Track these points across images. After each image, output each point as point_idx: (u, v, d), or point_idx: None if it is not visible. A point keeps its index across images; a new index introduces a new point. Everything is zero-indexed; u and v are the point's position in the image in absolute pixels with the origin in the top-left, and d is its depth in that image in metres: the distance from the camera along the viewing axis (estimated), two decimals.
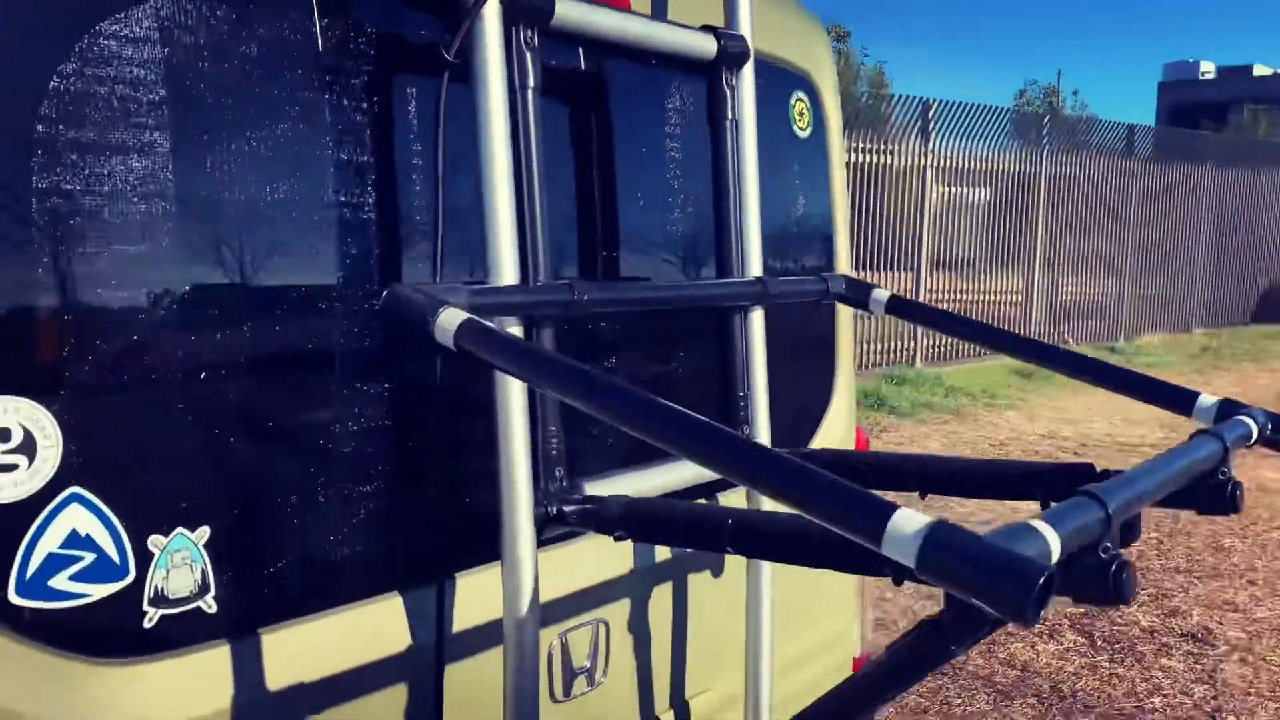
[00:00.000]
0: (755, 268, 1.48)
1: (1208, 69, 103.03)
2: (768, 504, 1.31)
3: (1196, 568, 5.44)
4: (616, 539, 1.15)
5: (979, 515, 5.39)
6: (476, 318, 0.96)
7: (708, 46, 1.42)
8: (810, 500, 0.74)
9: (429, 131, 1.20)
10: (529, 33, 1.18)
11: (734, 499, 1.60)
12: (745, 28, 1.46)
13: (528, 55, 1.17)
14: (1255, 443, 1.24)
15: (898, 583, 0.96)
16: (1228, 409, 1.26)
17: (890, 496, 0.82)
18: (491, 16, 1.14)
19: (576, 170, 1.44)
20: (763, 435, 1.48)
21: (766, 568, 1.51)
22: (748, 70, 1.47)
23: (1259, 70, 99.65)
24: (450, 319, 0.96)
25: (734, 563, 1.66)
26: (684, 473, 1.37)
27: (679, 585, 1.58)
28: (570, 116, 1.45)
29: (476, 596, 1.29)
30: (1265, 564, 5.47)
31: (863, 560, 0.93)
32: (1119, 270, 13.81)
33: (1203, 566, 5.45)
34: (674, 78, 1.57)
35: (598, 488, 1.23)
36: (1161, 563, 5.46)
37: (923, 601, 4.61)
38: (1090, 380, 1.40)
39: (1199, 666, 4.29)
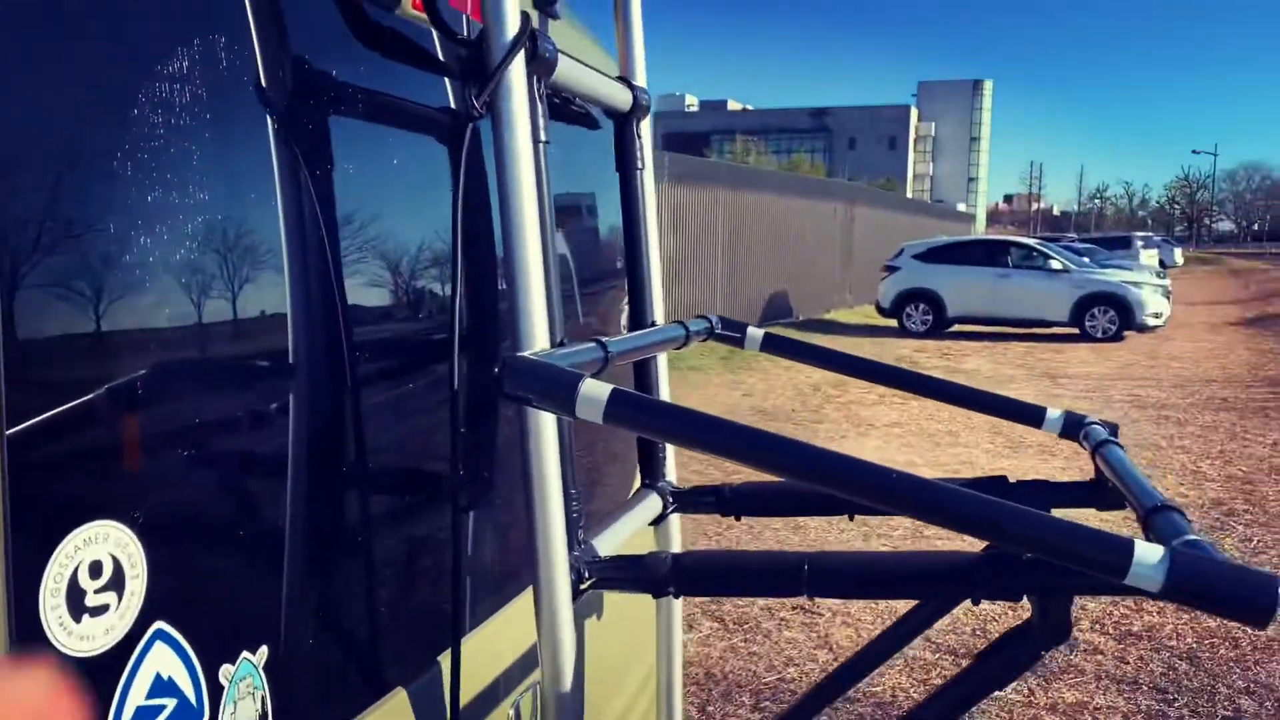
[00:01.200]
0: (660, 311, 1.53)
1: (692, 102, 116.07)
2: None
3: (802, 548, 6.18)
4: (665, 595, 1.15)
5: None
6: (619, 388, 0.93)
7: (626, 98, 1.45)
8: (1054, 545, 0.83)
9: (442, 188, 1.11)
10: (541, 85, 1.15)
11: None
12: (643, 80, 1.51)
13: (540, 108, 1.14)
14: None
15: (975, 602, 1.08)
16: (1072, 418, 1.55)
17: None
18: (518, 68, 1.09)
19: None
20: (670, 459, 1.54)
21: (678, 607, 1.56)
22: (648, 122, 1.52)
23: (732, 105, 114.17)
24: (597, 391, 0.92)
25: (612, 608, 1.69)
26: (645, 515, 1.39)
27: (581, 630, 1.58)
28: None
29: (479, 659, 1.22)
30: (852, 537, 6.34)
31: (943, 589, 1.04)
32: None
33: (801, 547, 6.21)
34: (578, 132, 1.58)
35: (599, 543, 1.22)
36: (758, 546, 6.14)
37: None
38: (951, 401, 1.63)
39: (815, 634, 4.91)
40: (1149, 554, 0.81)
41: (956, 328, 18.41)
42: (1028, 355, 15.28)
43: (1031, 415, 1.57)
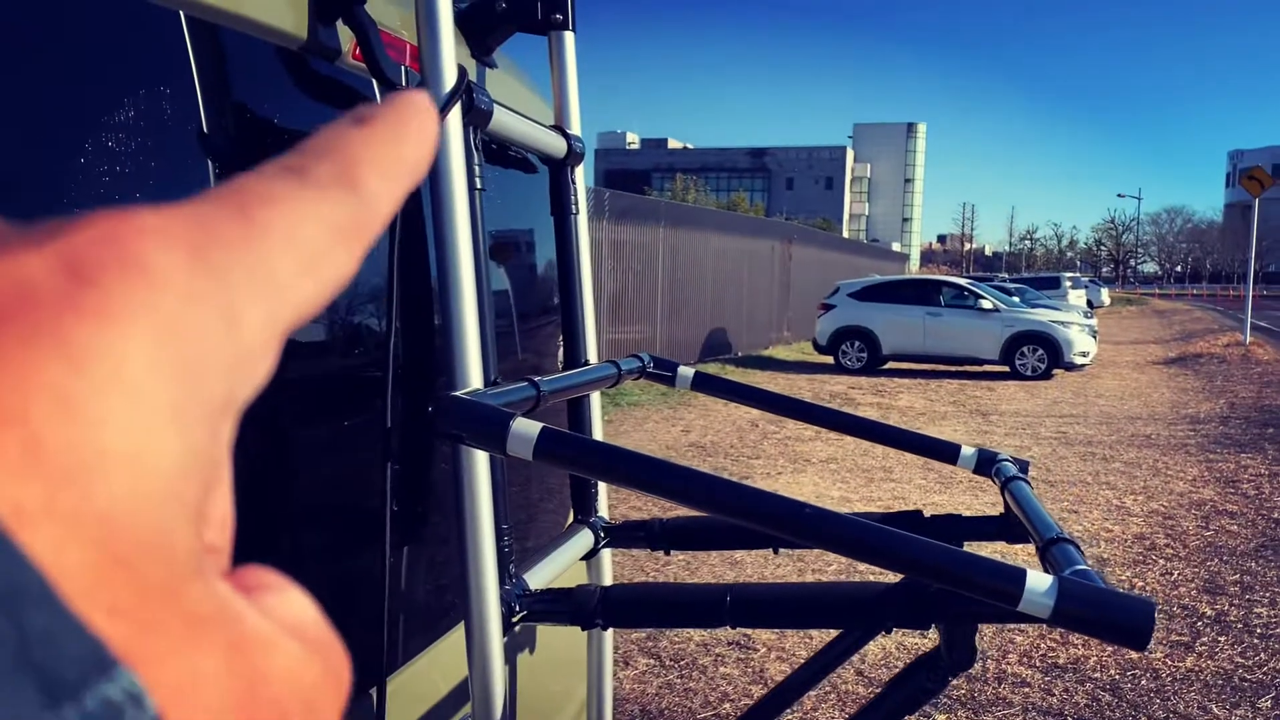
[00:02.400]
0: (593, 350, 1.58)
1: (633, 139, 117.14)
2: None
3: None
4: (593, 628, 1.18)
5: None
6: (549, 426, 0.97)
7: (560, 145, 1.50)
8: (953, 573, 0.88)
9: (387, 231, 1.15)
10: (477, 136, 1.19)
11: None
12: (577, 128, 1.56)
13: (475, 157, 1.18)
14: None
15: (887, 631, 1.13)
16: (985, 455, 1.62)
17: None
18: (455, 119, 1.13)
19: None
20: (602, 495, 1.59)
21: (608, 640, 1.60)
22: (581, 168, 1.57)
23: (673, 143, 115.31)
24: (527, 429, 0.96)
25: (545, 643, 1.72)
26: (577, 550, 1.43)
27: (513, 664, 1.61)
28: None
29: (413, 691, 1.24)
30: (788, 571, 6.41)
31: (857, 617, 1.09)
32: (596, 318, 15.24)
33: (729, 578, 6.24)
34: (515, 176, 1.63)
35: (530, 577, 1.25)
36: (697, 580, 6.16)
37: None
38: (872, 439, 1.69)
39: (750, 669, 4.94)
40: (1039, 583, 0.87)
41: (891, 365, 18.72)
42: (959, 392, 15.58)
43: (947, 452, 1.64)
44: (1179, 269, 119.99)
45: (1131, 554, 6.61)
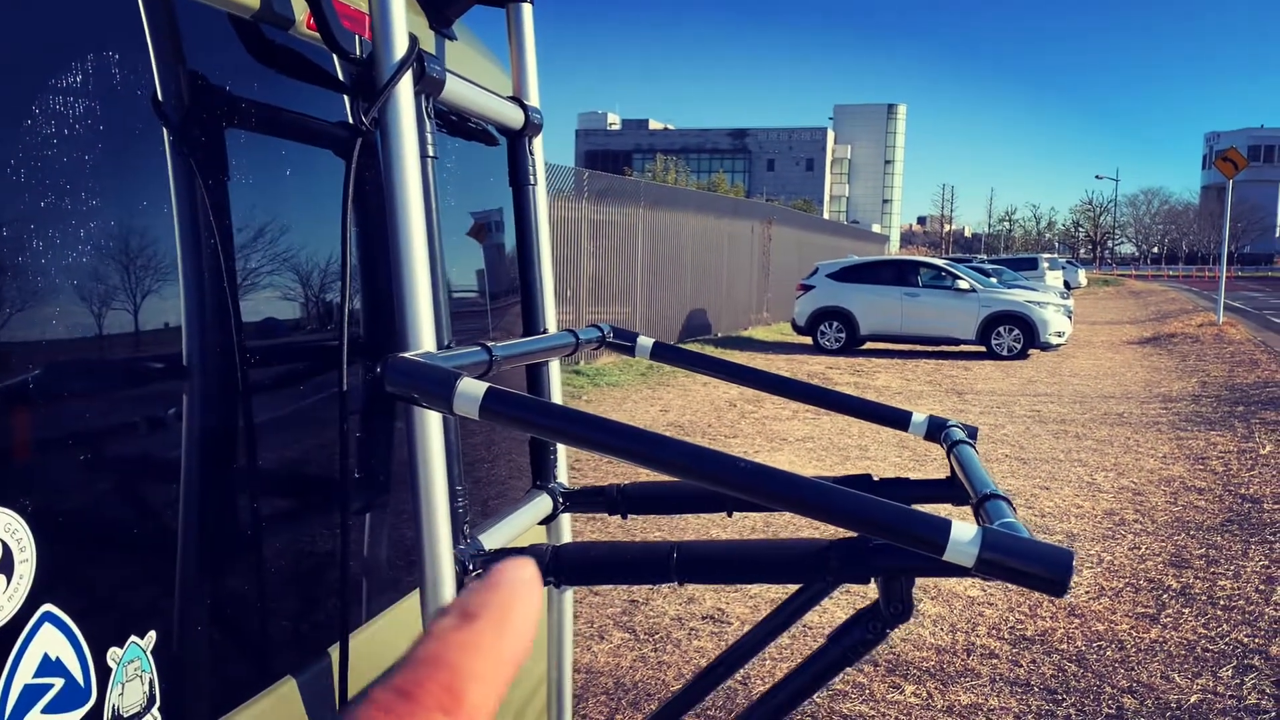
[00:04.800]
0: (551, 318, 1.60)
1: (614, 120, 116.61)
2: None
3: None
4: (545, 585, 1.21)
5: None
6: (495, 386, 0.99)
7: (517, 116, 1.52)
8: (882, 524, 0.92)
9: (338, 199, 1.17)
10: (429, 104, 1.21)
11: None
12: (536, 99, 1.58)
13: (428, 124, 1.20)
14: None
15: (830, 586, 1.16)
16: (935, 421, 1.66)
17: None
18: (406, 86, 1.15)
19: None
20: (561, 461, 1.61)
21: (568, 597, 1.63)
22: (540, 139, 1.59)
23: (654, 124, 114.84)
24: (473, 388, 0.98)
25: None
26: (535, 514, 1.46)
27: None
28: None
29: (373, 650, 1.26)
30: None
31: (796, 572, 1.13)
32: (574, 299, 15.26)
33: None
34: (467, 148, 1.64)
35: (486, 539, 1.28)
36: None
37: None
38: (826, 406, 1.73)
39: (724, 642, 4.99)
40: (964, 533, 0.91)
41: (868, 345, 18.82)
42: (936, 372, 15.69)
43: (899, 419, 1.67)
44: (1155, 250, 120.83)
45: (1101, 529, 6.70)
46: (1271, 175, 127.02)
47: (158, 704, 0.96)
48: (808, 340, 19.11)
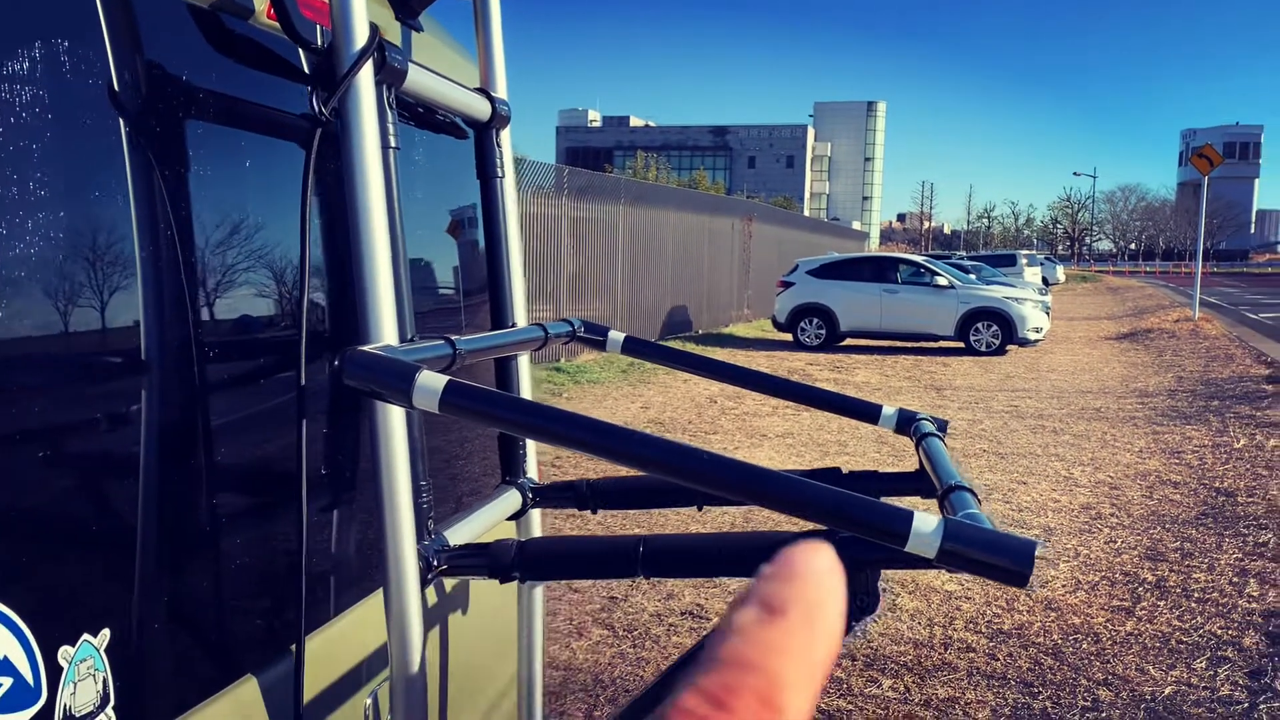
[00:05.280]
0: (521, 312, 1.59)
1: (595, 117, 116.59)
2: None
3: None
4: (510, 580, 1.20)
5: None
6: (455, 379, 0.98)
7: (484, 108, 1.50)
8: (844, 515, 0.91)
9: (298, 190, 1.15)
10: (391, 94, 1.20)
11: None
12: (503, 91, 1.57)
13: (390, 116, 1.19)
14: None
15: None
16: (905, 414, 1.66)
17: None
18: (366, 76, 1.14)
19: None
20: (531, 457, 1.60)
21: (539, 594, 1.61)
22: (508, 131, 1.58)
23: (635, 121, 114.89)
24: (432, 381, 0.97)
25: (478, 592, 1.74)
26: (503, 510, 1.44)
27: (442, 628, 1.62)
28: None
29: (339, 648, 1.25)
30: None
31: (760, 564, 1.12)
32: (556, 296, 15.24)
33: None
34: (429, 140, 1.63)
35: (451, 535, 1.27)
36: None
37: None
38: (797, 400, 1.72)
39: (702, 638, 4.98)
40: (926, 524, 0.90)
41: (848, 341, 18.87)
42: (915, 368, 15.75)
43: (869, 412, 1.67)
44: (1133, 247, 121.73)
45: (1078, 523, 6.74)
46: (1247, 172, 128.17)
47: (112, 703, 0.94)
48: (788, 337, 19.15)
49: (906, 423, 1.63)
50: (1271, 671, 4.36)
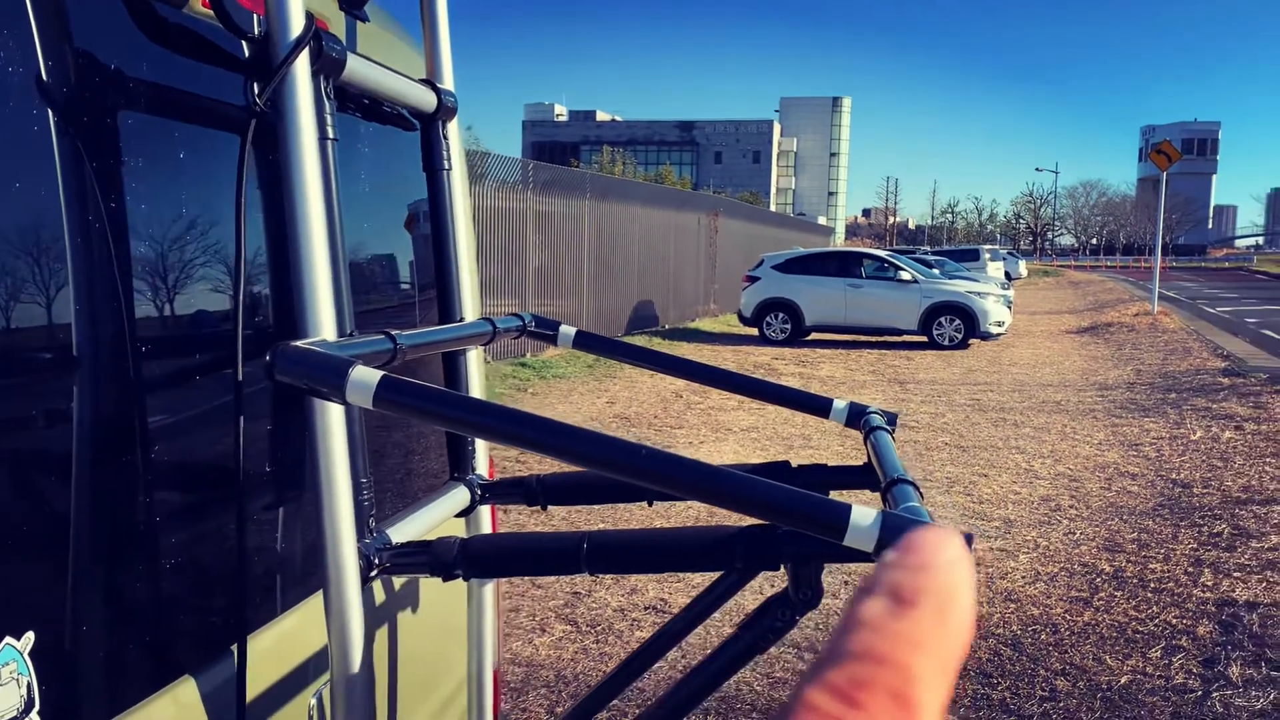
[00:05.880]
0: (470, 306, 1.57)
1: (561, 112, 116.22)
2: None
3: None
4: (453, 578, 1.18)
5: None
6: (390, 374, 0.96)
7: (430, 99, 1.48)
8: (781, 509, 0.90)
9: (231, 182, 1.13)
10: (328, 85, 1.18)
11: None
12: (450, 83, 1.55)
13: (327, 106, 1.17)
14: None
15: (743, 573, 1.15)
16: (855, 408, 1.66)
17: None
18: (302, 66, 1.12)
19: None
20: (480, 453, 1.59)
21: (489, 591, 1.60)
22: (455, 123, 1.56)
23: (601, 115, 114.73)
24: (366, 377, 0.95)
25: (429, 590, 1.72)
26: (451, 507, 1.43)
27: (390, 627, 1.61)
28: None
29: (282, 648, 1.23)
30: None
31: (706, 560, 1.12)
32: (521, 292, 15.18)
33: None
34: (374, 131, 1.60)
35: (395, 532, 1.25)
36: None
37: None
38: (748, 394, 1.72)
39: None
40: (864, 517, 0.90)
41: (814, 336, 18.96)
42: (879, 362, 15.86)
43: (820, 406, 1.67)
44: (1094, 241, 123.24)
45: (1037, 515, 6.82)
46: (1205, 168, 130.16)
47: (37, 707, 0.92)
48: (754, 331, 19.20)
49: (857, 416, 1.63)
50: (1225, 660, 4.42)
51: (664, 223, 21.02)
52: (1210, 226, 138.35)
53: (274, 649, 1.31)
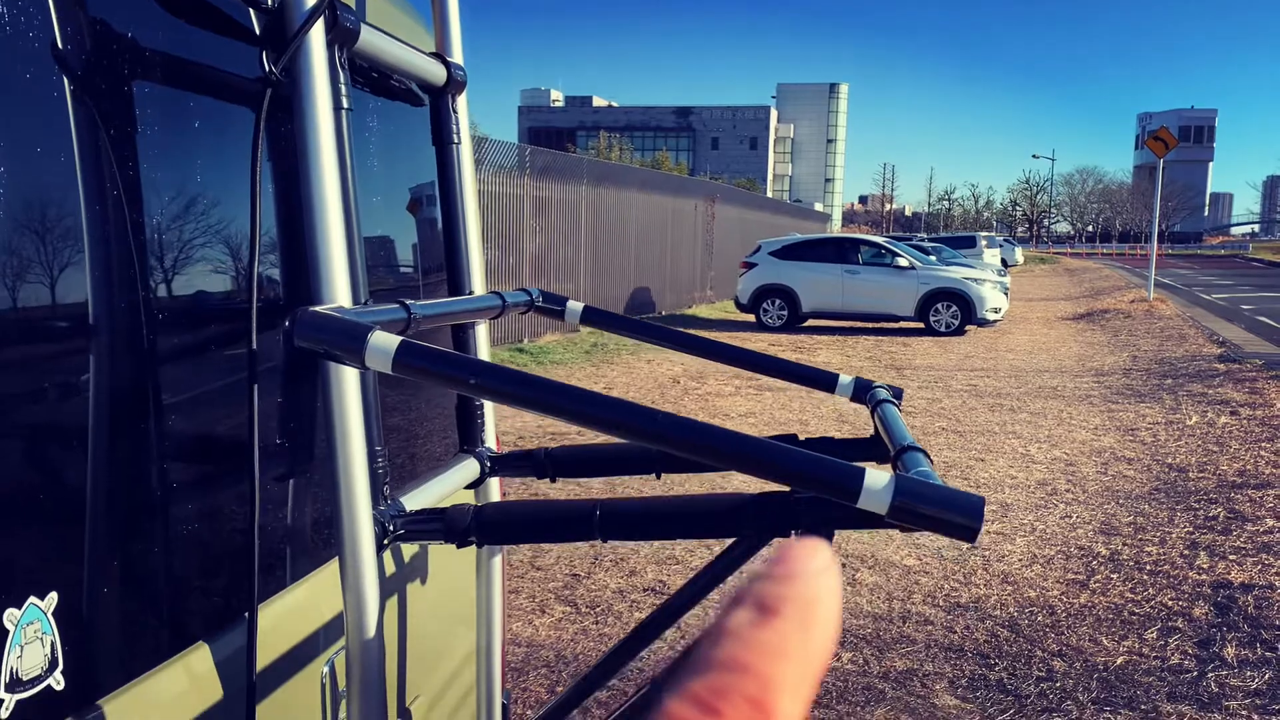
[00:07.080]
0: (479, 281, 1.58)
1: (557, 97, 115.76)
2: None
3: None
4: (467, 545, 1.20)
5: None
6: (409, 339, 0.97)
7: (439, 73, 1.49)
8: (795, 472, 0.92)
9: (248, 151, 1.14)
10: (343, 55, 1.18)
11: None
12: (459, 56, 1.55)
13: (341, 76, 1.17)
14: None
15: (754, 541, 1.16)
16: (861, 383, 1.67)
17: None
18: (318, 36, 1.12)
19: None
20: (489, 425, 1.60)
21: (497, 564, 1.61)
22: (464, 97, 1.56)
23: (598, 101, 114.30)
24: (385, 341, 0.96)
25: (437, 565, 1.73)
26: (461, 478, 1.44)
27: (400, 599, 1.62)
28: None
29: (295, 615, 1.24)
30: None
31: (718, 526, 1.13)
32: (518, 277, 15.16)
33: None
34: (383, 105, 1.61)
35: (407, 501, 1.26)
36: None
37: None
38: (753, 369, 1.73)
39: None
40: (877, 481, 0.91)
41: (810, 322, 18.98)
42: (876, 348, 15.88)
43: (826, 381, 1.68)
44: (1090, 229, 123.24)
45: (1034, 499, 6.85)
46: (1201, 155, 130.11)
47: (60, 667, 0.93)
48: (751, 318, 19.21)
49: (862, 391, 1.64)
50: (1220, 641, 4.46)
51: (661, 208, 21.00)
52: (1206, 214, 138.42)
53: (287, 617, 1.32)
